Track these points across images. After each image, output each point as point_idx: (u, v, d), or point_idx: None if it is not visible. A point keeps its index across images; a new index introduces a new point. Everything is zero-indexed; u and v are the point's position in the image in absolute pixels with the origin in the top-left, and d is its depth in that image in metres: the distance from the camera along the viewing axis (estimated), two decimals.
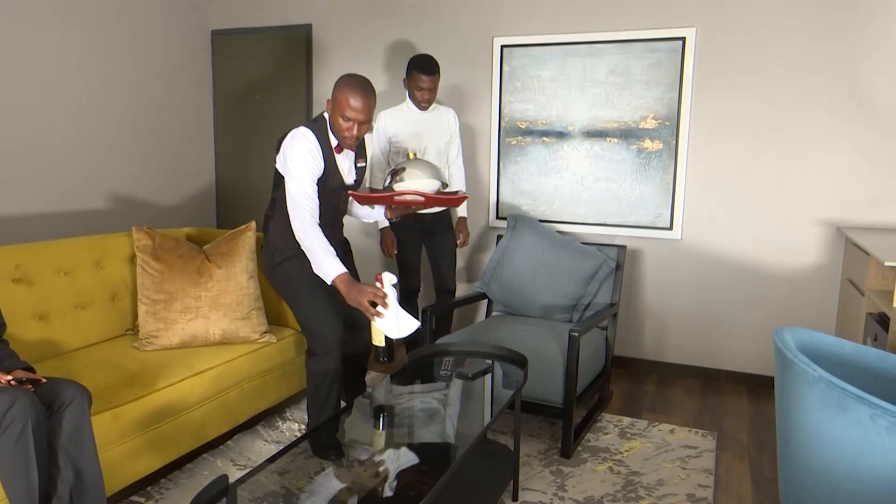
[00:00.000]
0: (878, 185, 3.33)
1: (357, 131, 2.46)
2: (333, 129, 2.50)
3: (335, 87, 2.45)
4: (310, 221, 2.41)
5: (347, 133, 2.46)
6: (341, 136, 2.48)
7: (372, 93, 2.44)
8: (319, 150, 2.47)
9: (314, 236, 2.39)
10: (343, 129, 2.45)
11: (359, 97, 2.40)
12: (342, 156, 2.59)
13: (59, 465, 1.88)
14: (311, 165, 2.44)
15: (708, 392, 3.61)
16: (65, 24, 3.75)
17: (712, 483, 2.59)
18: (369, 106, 2.43)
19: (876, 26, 3.23)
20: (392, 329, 2.21)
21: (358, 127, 2.45)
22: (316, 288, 2.57)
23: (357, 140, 2.51)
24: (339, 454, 1.81)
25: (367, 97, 2.41)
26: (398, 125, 3.37)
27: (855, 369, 1.88)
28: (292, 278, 2.59)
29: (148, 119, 4.34)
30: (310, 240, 2.39)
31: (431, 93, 3.30)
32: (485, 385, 2.31)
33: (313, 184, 2.46)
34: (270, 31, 4.60)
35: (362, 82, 2.43)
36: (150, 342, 2.73)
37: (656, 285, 3.81)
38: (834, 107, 3.35)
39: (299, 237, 2.42)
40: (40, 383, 1.91)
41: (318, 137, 2.49)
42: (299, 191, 2.42)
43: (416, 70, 3.25)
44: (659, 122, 3.66)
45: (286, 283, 2.61)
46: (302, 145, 2.44)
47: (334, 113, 2.45)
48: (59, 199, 3.79)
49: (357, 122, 2.43)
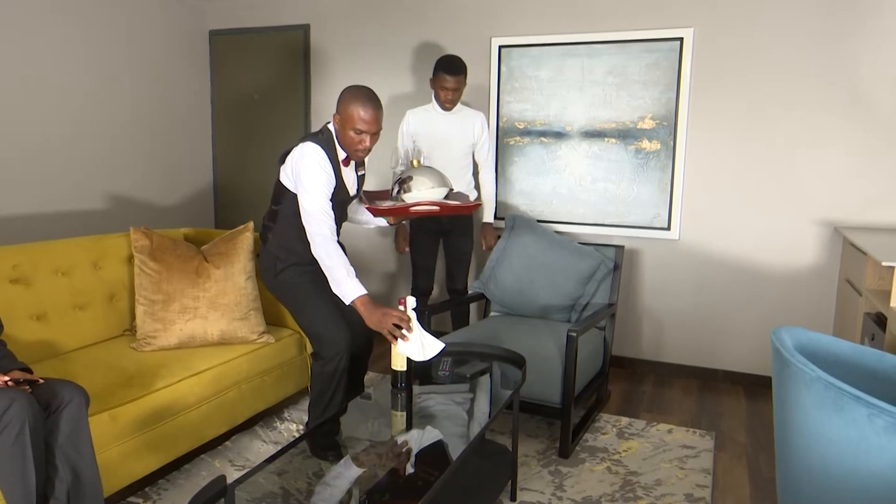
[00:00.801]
0: (876, 185, 3.34)
1: (369, 143, 2.44)
2: (343, 142, 2.47)
3: (341, 102, 2.42)
4: (330, 239, 2.38)
5: (360, 146, 2.43)
6: (353, 149, 2.46)
7: (380, 103, 2.43)
8: (330, 165, 2.44)
9: (336, 255, 2.36)
10: (355, 143, 2.43)
11: (369, 108, 2.38)
12: (347, 168, 2.57)
13: (56, 466, 1.88)
14: (325, 181, 2.41)
15: (706, 392, 3.61)
16: (63, 24, 3.74)
17: (710, 483, 2.60)
18: (379, 117, 2.42)
19: (872, 28, 3.24)
20: (416, 352, 2.17)
21: (370, 139, 2.43)
22: (319, 293, 2.55)
23: (368, 152, 2.49)
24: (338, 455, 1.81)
25: (376, 108, 2.40)
26: (421, 125, 3.37)
27: (852, 369, 1.89)
28: (295, 285, 2.57)
29: (146, 119, 4.34)
30: (331, 258, 2.35)
31: (456, 93, 3.26)
32: (483, 385, 2.31)
33: (328, 200, 2.43)
34: (268, 31, 4.60)
35: (369, 94, 2.42)
36: (148, 343, 2.73)
37: (654, 285, 3.82)
38: (831, 107, 3.36)
39: (319, 255, 2.38)
40: (38, 384, 1.90)
41: (328, 152, 2.45)
42: (317, 208, 2.38)
43: (441, 70, 3.22)
44: (657, 122, 3.66)
45: (289, 291, 2.59)
46: (315, 161, 2.40)
47: (344, 128, 2.42)
48: (56, 200, 3.79)
49: (369, 133, 2.41)
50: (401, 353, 2.18)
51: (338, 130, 2.47)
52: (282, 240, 2.57)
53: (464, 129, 3.38)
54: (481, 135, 3.44)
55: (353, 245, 4.50)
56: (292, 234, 2.53)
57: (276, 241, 2.59)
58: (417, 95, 4.22)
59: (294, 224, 2.50)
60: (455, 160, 3.39)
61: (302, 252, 2.54)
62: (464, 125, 3.39)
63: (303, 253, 2.53)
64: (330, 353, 2.54)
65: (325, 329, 2.52)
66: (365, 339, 2.80)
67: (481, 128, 3.43)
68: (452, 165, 3.39)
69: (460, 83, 3.25)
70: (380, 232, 4.39)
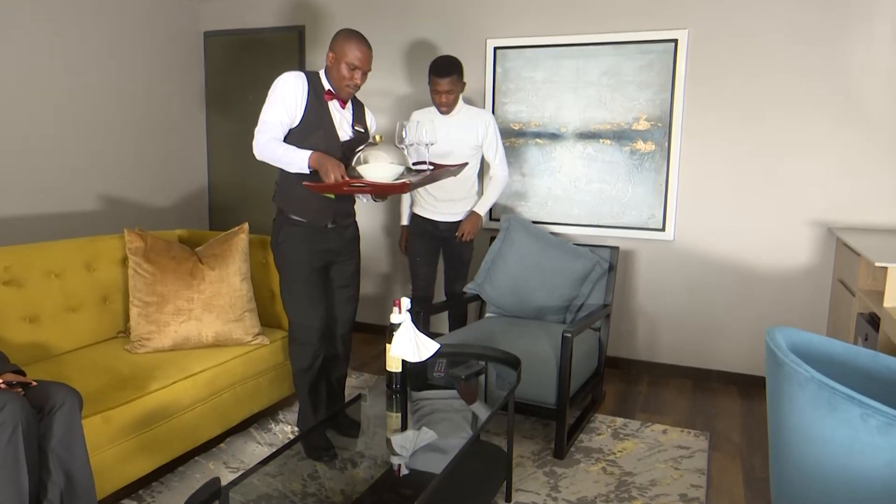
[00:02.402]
0: (869, 186, 3.35)
1: (360, 80, 2.52)
2: (332, 77, 2.54)
3: (336, 40, 2.51)
4: (265, 142, 2.44)
5: (349, 81, 2.51)
6: (342, 84, 2.52)
7: (371, 47, 2.54)
8: (305, 86, 2.50)
9: (275, 146, 2.43)
10: (346, 78, 2.50)
11: (363, 46, 2.50)
12: (335, 106, 2.59)
13: (49, 468, 1.86)
14: (289, 95, 2.47)
15: (700, 392, 3.62)
16: (56, 25, 3.72)
17: (705, 483, 2.60)
18: (370, 56, 2.53)
19: (863, 29, 3.26)
20: (411, 353, 2.18)
21: (361, 76, 2.52)
22: (308, 278, 2.62)
23: (357, 88, 2.55)
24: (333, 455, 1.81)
25: (369, 48, 2.53)
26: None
27: (846, 369, 1.89)
28: (290, 259, 2.63)
29: (140, 120, 4.33)
30: (271, 151, 2.43)
31: (449, 95, 3.17)
32: (478, 386, 2.31)
33: (286, 115, 2.47)
34: (263, 32, 4.59)
35: (362, 36, 2.53)
36: (142, 344, 2.72)
37: (649, 286, 3.83)
38: (824, 108, 3.38)
39: (263, 157, 2.46)
40: (30, 386, 1.89)
41: (309, 79, 2.53)
42: (264, 118, 2.47)
43: (432, 73, 3.18)
44: (651, 123, 3.67)
45: (284, 260, 2.65)
46: (283, 78, 2.50)
47: (337, 63, 2.50)
48: (49, 201, 3.77)
49: (361, 70, 2.50)
50: (396, 355, 2.18)
51: (329, 67, 2.55)
52: (285, 185, 2.63)
53: (465, 130, 3.29)
54: (486, 134, 3.31)
55: None
56: (291, 180, 2.56)
57: (281, 192, 2.65)
58: (413, 97, 4.22)
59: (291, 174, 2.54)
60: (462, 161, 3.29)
61: (302, 197, 2.56)
62: (465, 126, 3.30)
63: (304, 198, 2.56)
64: (301, 339, 2.64)
65: (302, 312, 2.62)
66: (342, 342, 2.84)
67: (485, 126, 3.30)
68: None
69: (453, 84, 3.16)
70: (378, 232, 4.39)
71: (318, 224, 2.62)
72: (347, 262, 2.78)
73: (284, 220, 2.63)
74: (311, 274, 2.63)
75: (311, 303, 2.63)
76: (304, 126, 2.51)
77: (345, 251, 2.75)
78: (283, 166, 2.47)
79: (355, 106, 2.71)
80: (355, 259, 2.82)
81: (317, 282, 2.65)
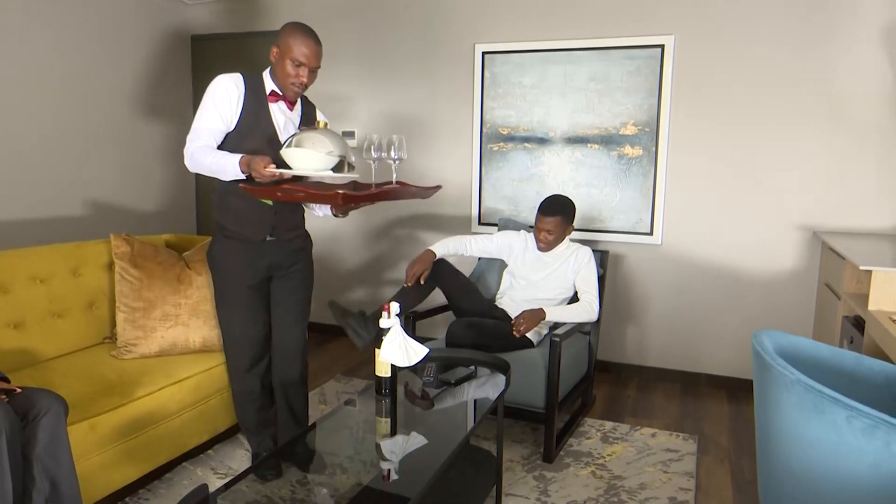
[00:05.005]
0: (854, 190, 3.39)
1: (307, 78, 2.31)
2: (277, 75, 2.34)
3: (281, 34, 2.30)
4: (195, 150, 2.27)
5: (295, 80, 2.30)
6: (287, 83, 2.32)
7: (320, 43, 2.33)
8: (241, 90, 2.32)
9: (202, 155, 2.26)
10: (291, 76, 2.29)
11: (310, 41, 2.28)
12: (280, 108, 2.40)
13: (34, 476, 1.84)
14: (222, 100, 2.29)
15: (688, 396, 3.64)
16: (43, 28, 3.69)
17: (693, 486, 2.61)
18: (319, 52, 2.31)
19: (846, 34, 3.30)
20: (401, 358, 2.17)
21: (308, 73, 2.31)
22: (241, 298, 2.45)
23: (305, 88, 2.35)
24: (278, 474, 1.75)
25: (317, 43, 2.30)
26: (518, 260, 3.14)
27: (831, 372, 1.91)
28: (224, 278, 2.47)
29: (127, 124, 4.30)
30: (201, 157, 2.26)
31: (549, 235, 2.99)
32: (468, 391, 2.31)
33: (219, 120, 2.30)
34: (250, 36, 4.58)
35: (311, 30, 2.32)
36: (129, 350, 2.69)
37: (637, 290, 3.84)
38: (809, 113, 3.41)
39: (193, 166, 2.29)
40: (15, 393, 1.87)
41: (247, 80, 2.34)
42: (196, 125, 2.30)
43: (538, 208, 3.00)
44: (639, 128, 3.69)
45: (216, 280, 2.50)
46: (217, 82, 2.31)
47: (282, 59, 2.29)
48: (34, 206, 3.73)
49: (308, 67, 2.29)
50: (385, 360, 2.18)
51: (274, 64, 2.34)
52: (221, 195, 2.44)
53: (560, 271, 3.07)
54: (578, 270, 3.05)
55: (337, 253, 4.48)
56: (226, 189, 2.40)
57: (217, 203, 2.47)
58: (400, 105, 4.22)
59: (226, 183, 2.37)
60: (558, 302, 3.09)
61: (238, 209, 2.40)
62: (562, 263, 3.07)
63: (240, 210, 2.40)
64: (231, 365, 2.57)
65: (237, 328, 2.49)
66: (295, 367, 2.62)
67: (578, 262, 3.05)
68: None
69: (557, 226, 2.97)
70: (364, 239, 4.38)
71: (255, 237, 2.42)
72: (289, 278, 2.53)
73: (220, 233, 2.46)
74: (246, 291, 2.45)
75: (244, 323, 2.48)
76: (240, 129, 2.32)
77: (285, 265, 2.51)
78: (216, 174, 2.26)
79: (306, 107, 2.51)
80: (301, 273, 2.56)
81: (253, 299, 2.47)
